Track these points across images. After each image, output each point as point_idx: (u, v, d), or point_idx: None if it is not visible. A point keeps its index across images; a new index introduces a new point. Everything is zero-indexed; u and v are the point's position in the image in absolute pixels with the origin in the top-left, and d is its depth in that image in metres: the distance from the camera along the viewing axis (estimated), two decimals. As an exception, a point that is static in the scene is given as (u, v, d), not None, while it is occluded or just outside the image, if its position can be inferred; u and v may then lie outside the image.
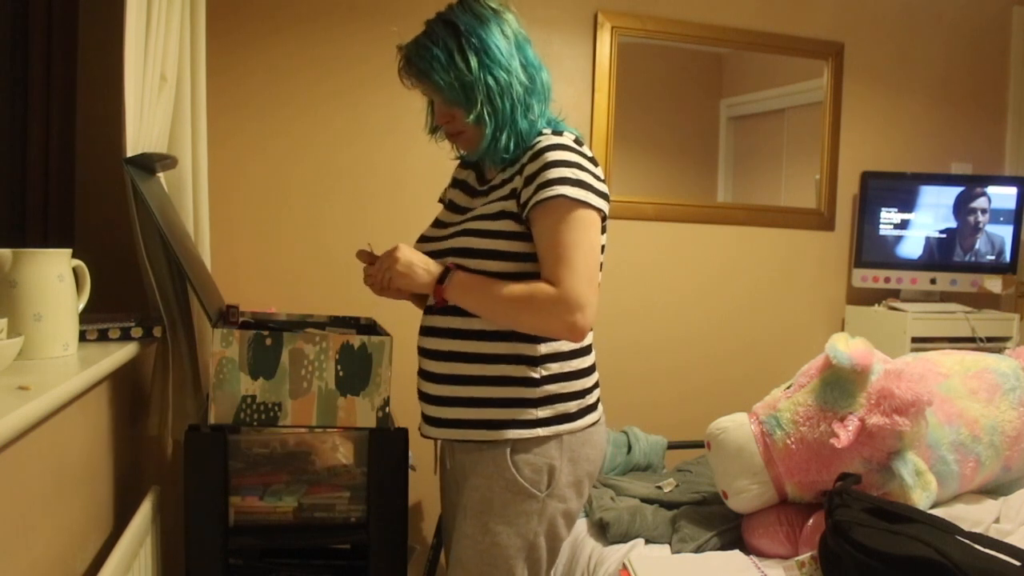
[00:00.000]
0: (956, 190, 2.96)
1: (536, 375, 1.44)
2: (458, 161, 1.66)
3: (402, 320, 2.23)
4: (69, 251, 1.43)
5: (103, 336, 1.59)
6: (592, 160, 1.45)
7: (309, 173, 2.47)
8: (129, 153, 1.57)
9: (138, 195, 1.57)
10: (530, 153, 1.41)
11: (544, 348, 1.44)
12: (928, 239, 2.96)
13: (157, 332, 1.68)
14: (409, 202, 2.54)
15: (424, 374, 1.53)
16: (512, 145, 1.43)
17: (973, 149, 3.20)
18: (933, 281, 2.95)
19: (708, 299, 2.91)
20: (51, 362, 1.33)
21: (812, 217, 3.01)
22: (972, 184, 2.96)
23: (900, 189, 2.96)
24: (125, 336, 1.62)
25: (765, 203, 2.99)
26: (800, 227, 3.00)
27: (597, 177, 1.43)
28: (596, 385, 1.54)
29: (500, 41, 1.41)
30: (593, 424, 1.51)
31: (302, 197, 2.46)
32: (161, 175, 1.87)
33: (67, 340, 1.39)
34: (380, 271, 1.47)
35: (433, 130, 1.57)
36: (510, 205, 1.43)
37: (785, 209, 3.00)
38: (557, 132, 1.45)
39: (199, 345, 1.90)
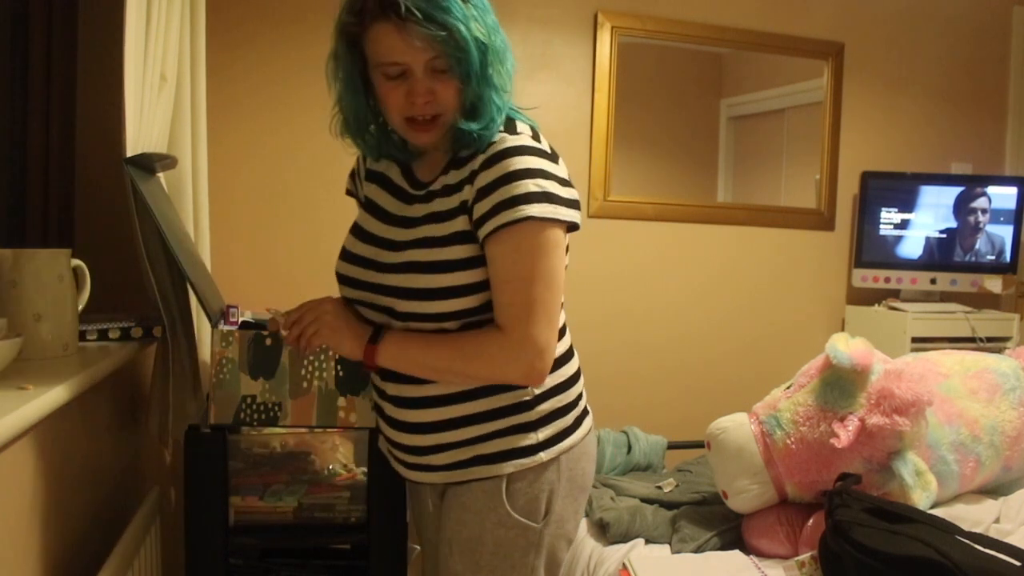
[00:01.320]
0: (956, 190, 2.95)
1: (529, 396, 1.28)
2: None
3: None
4: (69, 251, 1.43)
5: (103, 336, 1.59)
6: (553, 157, 1.23)
7: (309, 173, 2.47)
8: (129, 153, 1.57)
9: (138, 195, 1.57)
10: (483, 158, 1.19)
11: None
12: (928, 239, 2.96)
13: (157, 332, 1.68)
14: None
15: (398, 424, 1.34)
16: (488, 133, 1.20)
17: (973, 149, 3.20)
18: (933, 281, 2.95)
19: (708, 299, 2.91)
20: (51, 362, 1.33)
21: (812, 217, 3.01)
22: (972, 184, 2.96)
23: (900, 189, 2.96)
24: (125, 336, 1.62)
25: (765, 203, 2.99)
26: (800, 227, 3.00)
27: (563, 181, 1.23)
28: (582, 395, 1.40)
29: (491, 9, 1.20)
30: (588, 432, 1.38)
31: (302, 197, 2.46)
32: (161, 175, 1.87)
33: (67, 340, 1.39)
34: (301, 326, 1.31)
35: (363, 123, 1.32)
36: (462, 223, 1.21)
37: (785, 209, 3.00)
38: (509, 122, 1.23)
39: (199, 345, 1.90)
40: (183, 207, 1.97)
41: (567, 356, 1.35)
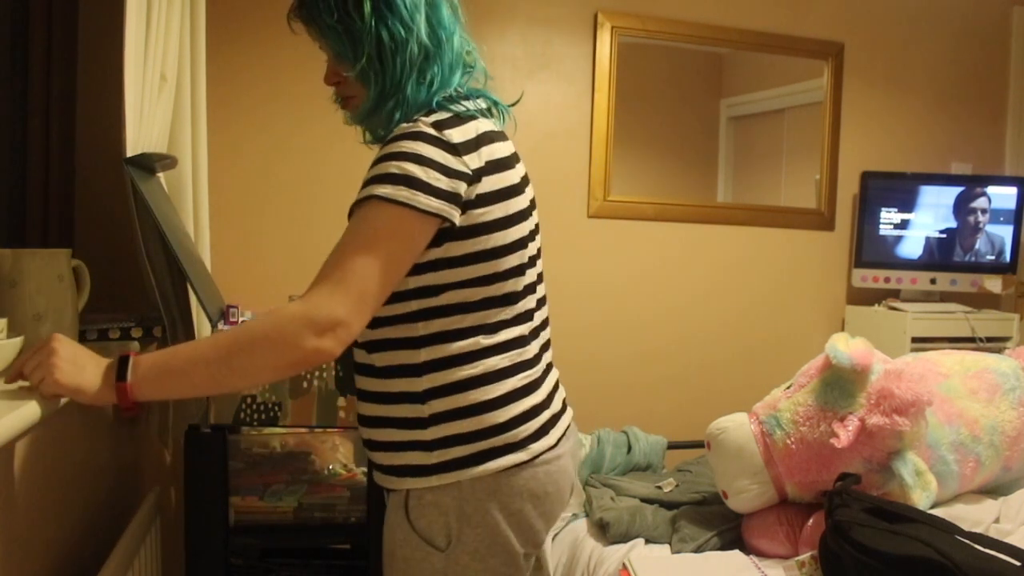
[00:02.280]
0: (956, 190, 2.96)
1: (423, 415, 1.18)
2: None
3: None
4: (69, 251, 1.42)
5: (103, 336, 1.59)
6: (451, 147, 1.14)
7: (310, 172, 2.47)
8: (129, 153, 1.57)
9: (138, 195, 1.57)
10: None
11: (426, 383, 1.18)
12: (928, 239, 2.96)
13: (157, 332, 1.68)
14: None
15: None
16: (398, 117, 1.20)
17: (973, 149, 3.20)
18: (933, 281, 2.95)
19: (707, 299, 2.91)
20: (51, 362, 1.32)
21: (812, 217, 3.01)
22: (972, 184, 2.96)
23: (900, 189, 2.96)
24: (125, 336, 1.62)
25: (765, 203, 2.99)
26: (800, 227, 3.00)
27: (448, 171, 1.13)
28: (527, 416, 1.21)
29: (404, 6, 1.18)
30: (500, 472, 1.19)
31: (302, 197, 2.46)
32: (161, 175, 1.87)
33: (67, 340, 1.39)
34: (30, 370, 1.04)
35: (339, 100, 1.35)
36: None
37: (785, 209, 3.00)
38: (429, 113, 1.19)
39: (199, 345, 1.90)
40: (183, 207, 1.97)
41: (481, 380, 1.19)
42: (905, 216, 2.96)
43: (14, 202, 1.88)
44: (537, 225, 1.31)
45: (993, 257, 2.96)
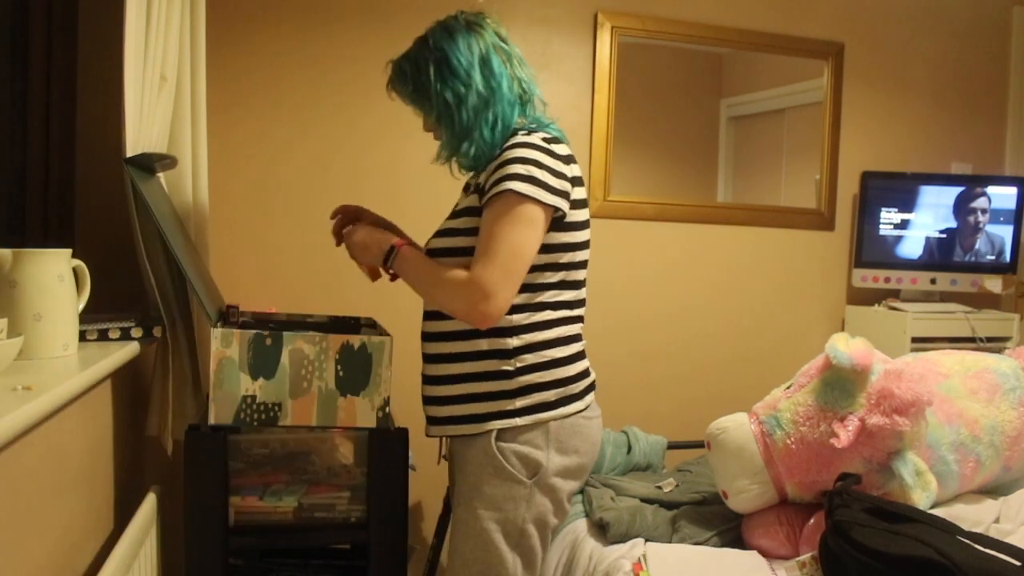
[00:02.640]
0: (956, 190, 2.96)
1: (510, 367, 1.50)
2: None
3: (402, 320, 2.24)
4: (69, 251, 1.43)
5: (103, 336, 1.59)
6: (562, 158, 1.50)
7: (310, 172, 2.47)
8: (129, 153, 1.57)
9: (138, 195, 1.57)
10: (499, 155, 1.49)
11: (516, 341, 1.50)
12: (928, 239, 2.96)
13: (157, 332, 1.68)
14: (415, 200, 2.54)
15: (423, 377, 1.63)
16: (474, 152, 1.52)
17: (973, 149, 3.20)
18: (933, 281, 2.95)
19: (707, 299, 2.91)
20: (51, 362, 1.33)
21: (812, 217, 3.01)
22: (972, 184, 2.96)
23: (900, 189, 2.96)
24: (125, 336, 1.62)
25: (765, 203, 2.99)
26: (800, 227, 3.00)
27: (557, 174, 1.48)
28: (582, 375, 1.58)
29: (462, 55, 1.50)
30: (578, 413, 1.55)
31: (303, 197, 2.46)
32: (161, 175, 1.87)
33: (67, 340, 1.39)
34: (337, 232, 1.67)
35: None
36: (473, 200, 1.51)
37: (785, 209, 3.00)
38: (531, 132, 1.51)
39: (199, 345, 1.90)
40: (183, 207, 1.97)
41: (559, 342, 1.53)
42: (905, 216, 2.96)
43: (14, 202, 1.89)
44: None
45: (993, 257, 2.96)
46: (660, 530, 1.95)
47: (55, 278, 1.37)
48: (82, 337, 1.51)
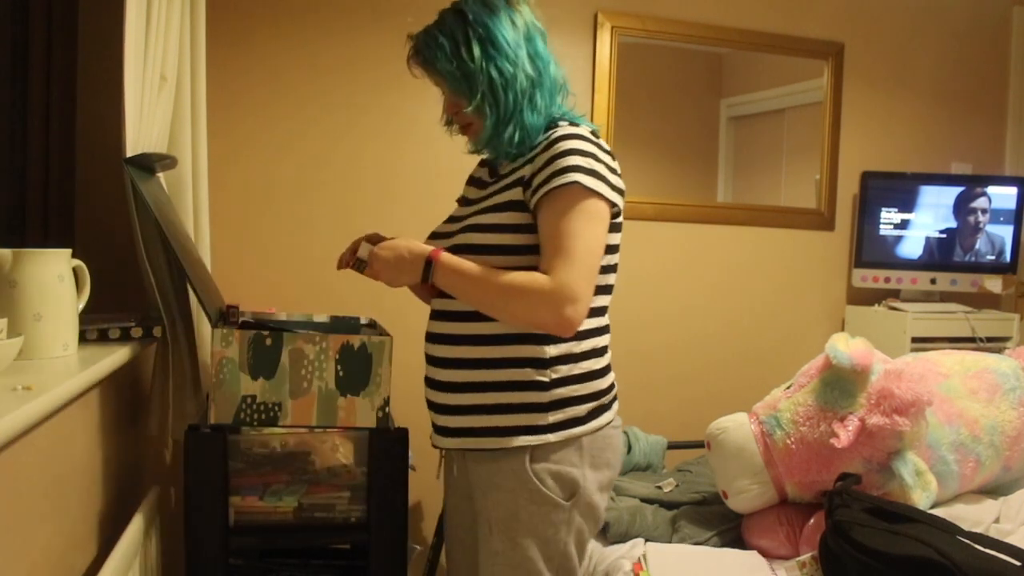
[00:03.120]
0: (956, 190, 2.96)
1: (545, 378, 1.38)
2: (479, 159, 1.63)
3: (402, 320, 2.24)
4: (69, 251, 1.43)
5: (103, 336, 1.59)
6: (610, 153, 1.41)
7: (309, 172, 2.47)
8: (129, 153, 1.57)
9: (138, 195, 1.57)
10: (544, 143, 1.38)
11: (553, 350, 1.38)
12: (928, 239, 2.96)
13: (157, 332, 1.68)
14: (414, 199, 2.54)
15: (431, 382, 1.48)
16: (517, 139, 1.39)
17: (973, 149, 3.20)
18: (933, 281, 2.95)
19: (707, 299, 2.91)
20: (51, 362, 1.33)
21: (812, 217, 3.01)
22: (972, 184, 2.96)
23: (900, 189, 2.96)
24: (125, 336, 1.62)
25: (765, 203, 2.99)
26: (800, 227, 3.00)
27: (612, 170, 1.40)
28: (612, 387, 1.48)
29: (507, 31, 1.38)
30: (608, 424, 1.45)
31: (303, 196, 2.46)
32: (161, 175, 1.87)
33: (67, 340, 1.39)
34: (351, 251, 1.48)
35: (448, 122, 1.52)
36: (517, 194, 1.39)
37: (785, 209, 3.00)
38: (573, 124, 1.41)
39: (199, 345, 1.90)
40: (183, 207, 1.97)
41: (594, 353, 1.43)
42: (905, 216, 2.96)
43: (14, 202, 1.89)
44: None
45: (993, 257, 2.96)
46: (660, 530, 1.95)
47: (55, 278, 1.37)
48: (82, 337, 1.51)
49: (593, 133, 1.41)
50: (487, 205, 1.42)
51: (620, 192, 1.40)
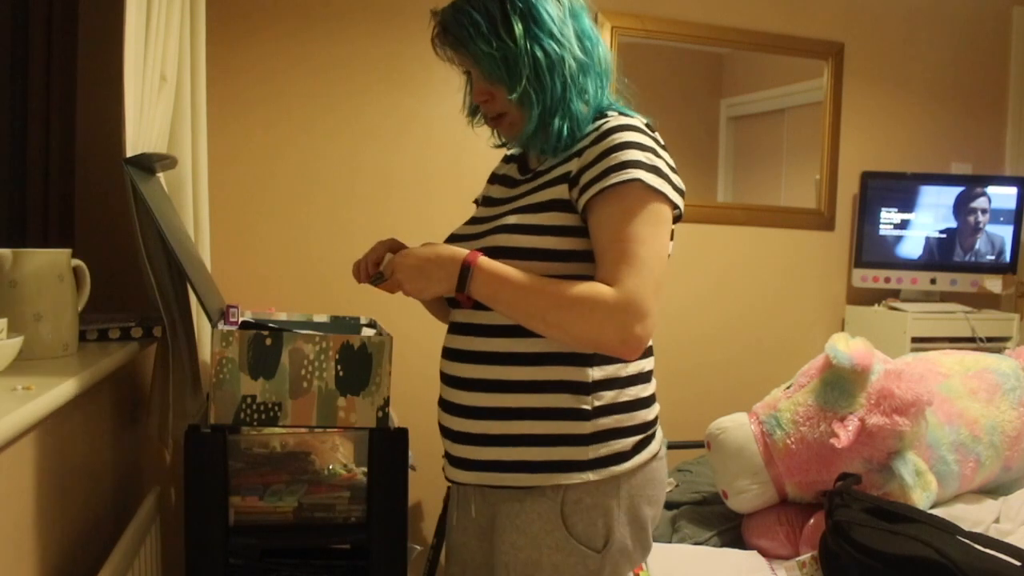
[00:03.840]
0: (956, 190, 2.96)
1: (587, 406, 1.19)
2: (503, 155, 1.47)
3: (403, 320, 2.24)
4: (69, 251, 1.43)
5: (103, 336, 1.59)
6: (666, 149, 1.24)
7: (310, 173, 2.47)
8: (129, 153, 1.57)
9: (138, 195, 1.57)
10: (594, 135, 1.20)
11: (597, 373, 1.20)
12: (928, 239, 2.96)
13: (157, 332, 1.68)
14: (413, 198, 2.54)
15: (448, 406, 1.28)
16: (566, 131, 1.21)
17: (973, 149, 3.20)
18: (933, 281, 2.95)
19: (707, 299, 2.91)
20: (51, 362, 1.33)
21: (812, 217, 3.01)
22: (972, 184, 2.96)
23: (900, 189, 2.96)
24: (125, 336, 1.62)
25: (765, 203, 2.99)
26: (800, 227, 3.00)
27: (673, 168, 1.22)
28: (657, 417, 1.31)
29: (551, 6, 1.19)
30: (654, 457, 1.26)
31: (302, 196, 2.46)
32: (161, 175, 1.87)
33: (67, 340, 1.39)
34: (370, 258, 1.30)
35: (472, 111, 1.34)
36: (561, 192, 1.20)
37: (785, 209, 3.00)
38: (625, 115, 1.25)
39: (199, 345, 1.90)
40: (183, 207, 1.97)
41: (640, 378, 1.28)
42: (905, 216, 2.96)
43: (14, 202, 1.89)
44: None
45: (993, 257, 2.96)
46: (660, 530, 1.95)
47: (55, 278, 1.37)
48: (82, 337, 1.51)
49: (648, 126, 1.25)
50: (524, 204, 1.24)
51: (682, 193, 1.23)
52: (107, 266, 1.73)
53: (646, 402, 1.27)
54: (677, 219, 1.22)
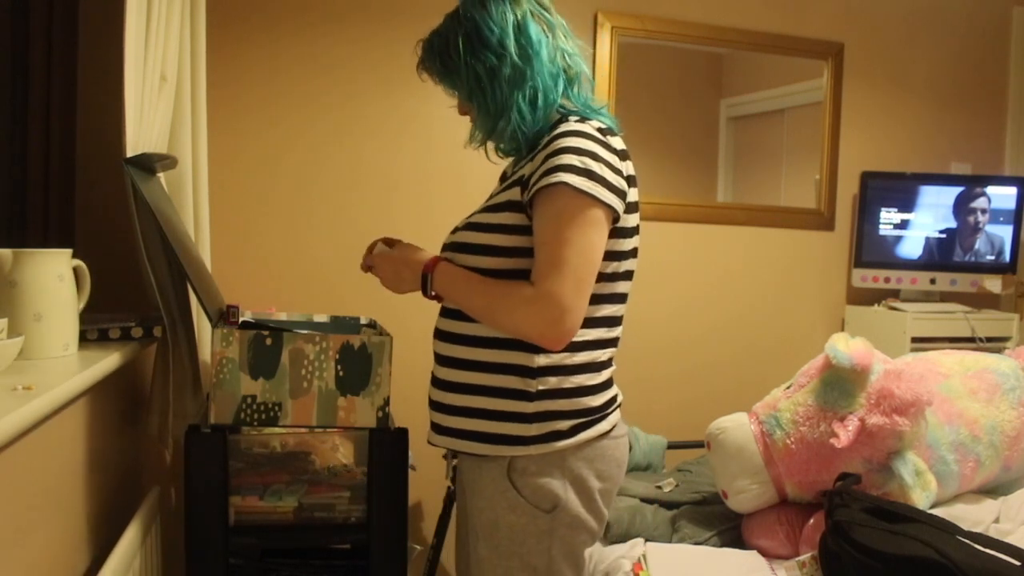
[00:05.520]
0: (956, 190, 2.96)
1: (531, 389, 1.33)
2: (482, 155, 1.60)
3: (403, 320, 2.24)
4: (69, 251, 1.43)
5: (103, 336, 1.59)
6: (618, 152, 1.34)
7: (310, 173, 2.47)
8: (129, 153, 1.57)
9: (138, 195, 1.57)
10: (547, 139, 1.32)
11: (543, 359, 1.33)
12: (928, 239, 2.96)
13: (157, 332, 1.68)
14: (413, 197, 2.54)
15: (433, 379, 1.46)
16: (509, 132, 1.36)
17: (973, 149, 3.20)
18: (933, 281, 2.95)
19: (707, 299, 2.91)
20: (51, 362, 1.33)
21: (812, 217, 3.01)
22: (972, 184, 2.96)
23: (900, 189, 2.96)
24: (125, 336, 1.62)
25: (765, 203, 2.99)
26: (800, 227, 3.00)
27: (614, 170, 1.31)
28: (608, 404, 1.40)
29: (495, 22, 1.33)
30: (605, 435, 1.38)
31: (302, 196, 2.46)
32: (161, 175, 1.87)
33: (67, 340, 1.39)
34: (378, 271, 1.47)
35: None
36: (515, 193, 1.34)
37: (785, 209, 3.00)
38: (584, 120, 1.35)
39: (199, 345, 1.90)
40: (183, 207, 1.97)
41: (589, 367, 1.37)
42: (905, 216, 2.96)
43: (14, 203, 1.89)
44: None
45: (993, 257, 2.97)
46: (660, 530, 1.95)
47: (55, 278, 1.37)
48: (82, 337, 1.51)
49: (602, 131, 1.34)
50: (488, 204, 1.39)
51: (621, 194, 1.32)
52: (107, 266, 1.73)
53: (591, 390, 1.37)
54: (618, 219, 1.33)
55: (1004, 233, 2.96)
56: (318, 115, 2.47)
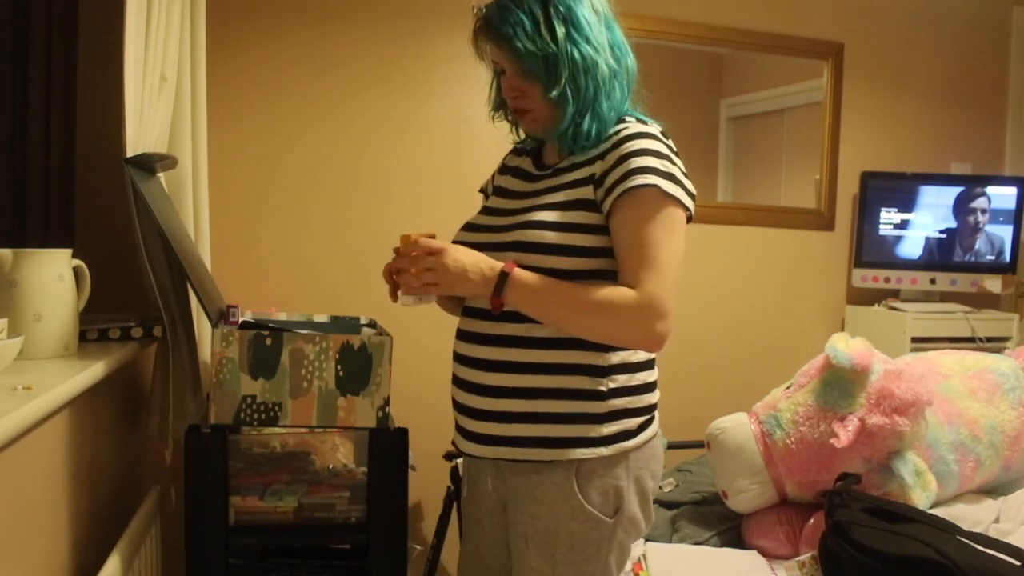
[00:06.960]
0: (956, 190, 2.96)
1: (604, 388, 1.30)
2: (511, 146, 1.54)
3: (403, 320, 2.24)
4: (69, 251, 1.43)
5: (103, 336, 1.59)
6: (676, 154, 1.33)
7: (310, 173, 2.47)
8: (129, 153, 1.57)
9: (138, 195, 1.57)
10: (614, 139, 1.30)
11: (614, 358, 1.31)
12: (928, 239, 2.96)
13: (157, 332, 1.68)
14: (413, 197, 2.54)
15: (465, 384, 1.35)
16: (594, 131, 1.30)
17: (973, 149, 3.20)
18: (933, 281, 2.95)
19: (707, 299, 2.91)
20: (51, 362, 1.33)
21: (812, 217, 3.01)
22: (972, 184, 2.96)
23: (900, 189, 2.96)
24: (125, 336, 1.62)
25: (765, 203, 2.99)
26: (800, 227, 3.00)
27: (685, 174, 1.31)
28: (657, 400, 1.42)
29: (590, 15, 1.29)
30: (651, 439, 1.38)
31: (302, 196, 2.46)
32: (161, 175, 1.87)
33: (67, 340, 1.39)
34: (418, 264, 1.26)
35: (497, 107, 1.42)
36: (587, 192, 1.29)
37: (785, 209, 3.00)
38: (642, 121, 1.35)
39: (199, 345, 1.90)
40: (183, 207, 1.97)
41: (647, 364, 1.38)
42: (905, 216, 2.96)
43: (14, 202, 1.89)
44: None
45: (993, 257, 2.97)
46: (660, 530, 1.95)
47: (55, 278, 1.37)
48: (82, 337, 1.51)
49: (663, 133, 1.35)
50: (550, 201, 1.31)
51: (693, 197, 1.31)
52: (107, 266, 1.73)
53: (651, 386, 1.39)
54: (688, 220, 1.31)
55: (1004, 233, 2.96)
56: (318, 115, 2.47)
